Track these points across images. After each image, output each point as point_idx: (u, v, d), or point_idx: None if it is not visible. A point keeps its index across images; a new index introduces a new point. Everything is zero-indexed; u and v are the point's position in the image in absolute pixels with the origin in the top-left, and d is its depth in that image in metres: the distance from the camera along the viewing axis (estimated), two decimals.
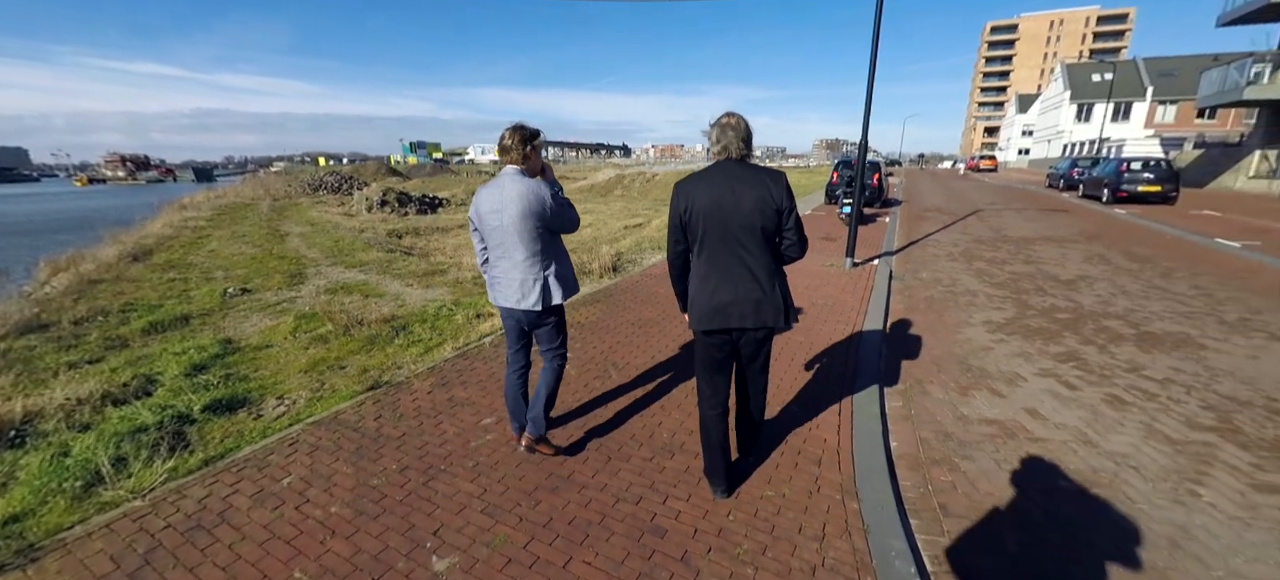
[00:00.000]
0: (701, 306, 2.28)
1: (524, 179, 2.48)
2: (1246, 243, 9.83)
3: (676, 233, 2.32)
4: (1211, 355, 4.51)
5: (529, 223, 2.45)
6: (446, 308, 5.94)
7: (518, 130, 2.49)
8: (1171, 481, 2.76)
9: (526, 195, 2.44)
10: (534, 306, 2.53)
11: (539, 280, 2.54)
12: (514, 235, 2.47)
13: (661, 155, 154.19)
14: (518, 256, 2.51)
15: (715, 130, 2.30)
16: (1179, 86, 50.53)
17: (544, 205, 2.46)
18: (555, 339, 2.72)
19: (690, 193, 2.24)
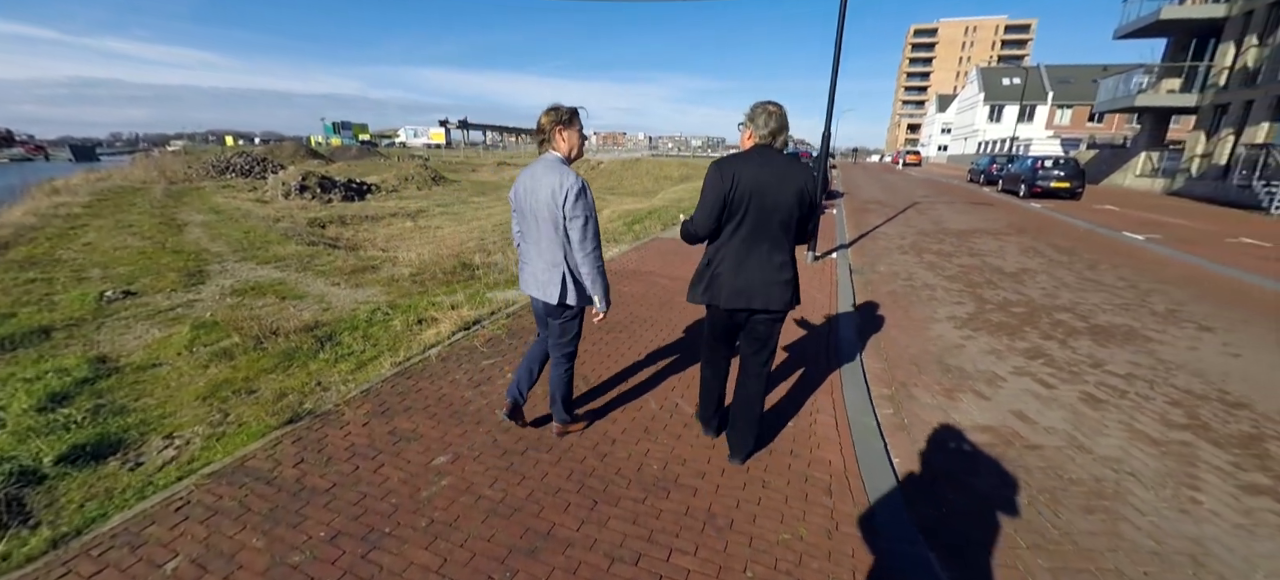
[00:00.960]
0: (729, 285, 2.35)
1: (559, 169, 2.37)
2: (1149, 236, 10.74)
3: (717, 208, 2.31)
4: (1157, 347, 4.69)
5: (551, 214, 2.37)
6: (381, 312, 5.23)
7: (552, 111, 2.41)
8: (1170, 488, 2.70)
9: (549, 186, 2.35)
10: (549, 299, 2.48)
11: (559, 271, 2.45)
12: (539, 224, 2.42)
13: (604, 143, 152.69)
14: (541, 245, 2.46)
15: (761, 116, 2.35)
16: (1074, 92, 55.94)
17: (560, 205, 2.34)
18: (564, 335, 2.63)
19: (736, 172, 2.27)
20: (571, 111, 2.47)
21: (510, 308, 5.12)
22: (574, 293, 2.49)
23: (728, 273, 2.35)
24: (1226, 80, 20.00)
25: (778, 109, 2.35)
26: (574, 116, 2.48)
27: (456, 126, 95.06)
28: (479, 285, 6.47)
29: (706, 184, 2.33)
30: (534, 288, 2.54)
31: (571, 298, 2.49)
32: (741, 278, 2.34)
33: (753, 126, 2.38)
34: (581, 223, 2.35)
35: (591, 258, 2.42)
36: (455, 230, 15.00)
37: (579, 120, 2.51)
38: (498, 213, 19.34)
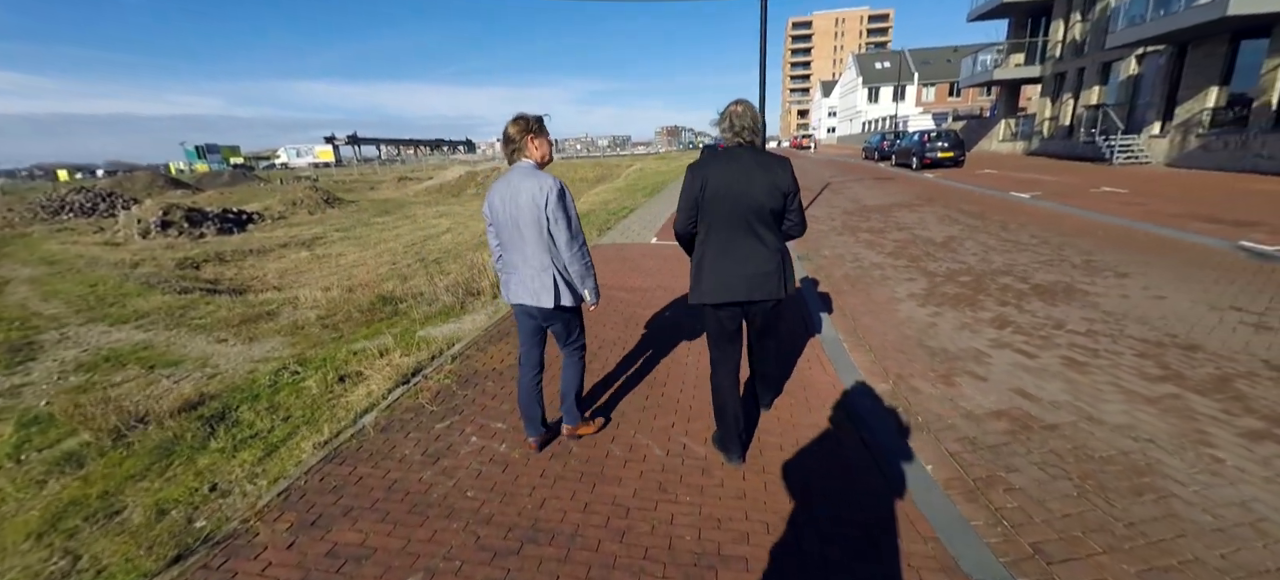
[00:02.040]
0: (711, 282, 2.43)
1: (536, 174, 2.43)
2: (1032, 194, 11.87)
3: (691, 210, 2.43)
4: (1097, 299, 4.95)
5: (536, 219, 2.40)
6: (289, 370, 4.28)
7: (519, 120, 2.45)
8: (1190, 451, 2.67)
9: (531, 192, 2.39)
10: (545, 304, 2.49)
11: (550, 275, 2.48)
12: (525, 232, 2.44)
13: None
14: (529, 253, 2.47)
15: (729, 118, 2.43)
16: (935, 72, 62.47)
17: (541, 209, 2.38)
18: (572, 332, 2.70)
19: (705, 174, 2.36)
20: (539, 119, 2.51)
21: (454, 347, 4.38)
22: (568, 293, 2.52)
23: (710, 269, 2.44)
24: (1061, 52, 22.94)
25: (743, 109, 2.42)
26: (542, 124, 2.51)
27: (346, 142, 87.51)
28: (406, 322, 5.59)
29: (683, 187, 2.45)
30: (525, 295, 2.52)
31: (566, 299, 2.52)
32: (724, 273, 2.41)
33: (724, 127, 2.47)
34: (565, 222, 2.42)
35: (579, 255, 2.49)
36: (362, 256, 13.47)
37: (545, 127, 2.54)
38: (407, 232, 17.78)
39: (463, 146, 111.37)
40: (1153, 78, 17.57)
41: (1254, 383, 3.31)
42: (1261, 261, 6.02)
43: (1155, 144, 16.97)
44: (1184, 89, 15.92)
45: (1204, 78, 15.13)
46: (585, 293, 2.58)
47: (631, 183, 24.30)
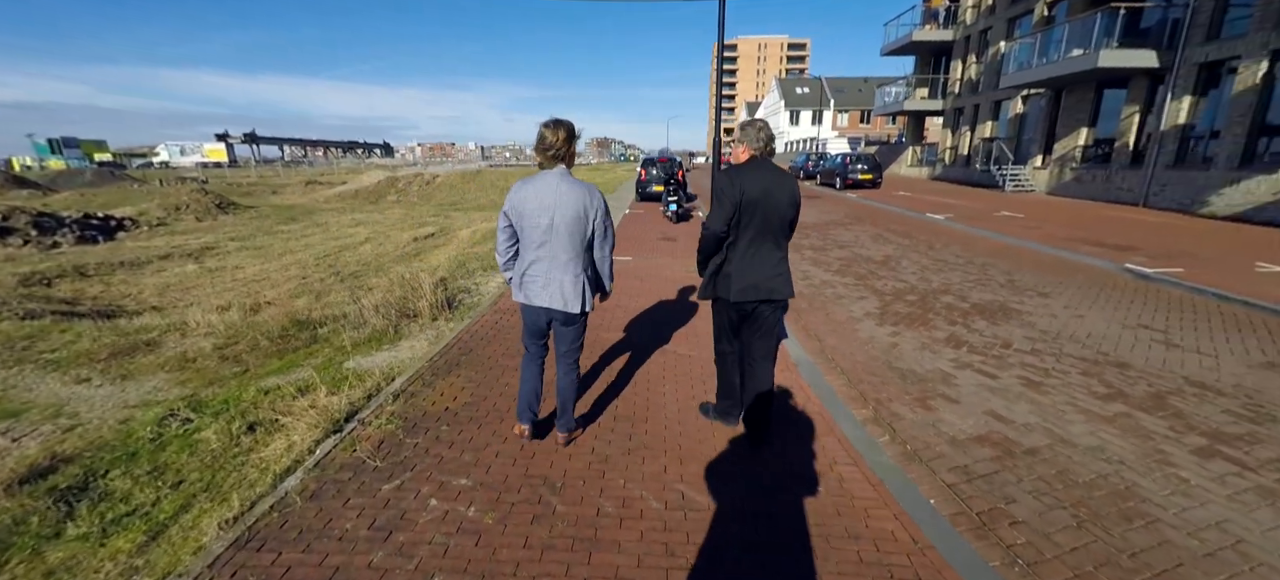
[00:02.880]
0: (741, 281, 2.65)
1: (577, 182, 2.50)
2: (946, 215, 12.87)
3: (731, 213, 2.58)
4: (1030, 317, 5.28)
5: (580, 227, 2.50)
6: (179, 417, 3.51)
7: (560, 126, 2.49)
8: (1159, 472, 2.78)
9: (581, 200, 2.48)
10: (573, 309, 2.57)
11: (579, 282, 2.57)
12: (563, 237, 2.49)
13: (432, 154, 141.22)
14: (563, 258, 2.53)
15: (752, 133, 2.67)
16: (848, 100, 67.53)
17: (589, 218, 2.52)
18: (579, 337, 2.77)
19: (743, 182, 2.56)
20: (572, 126, 2.56)
21: (394, 382, 3.80)
22: (590, 298, 2.65)
23: (736, 270, 2.65)
24: (959, 89, 25.43)
25: (765, 125, 2.69)
26: (576, 132, 2.58)
27: (242, 141, 79.25)
28: (329, 351, 4.87)
29: (721, 192, 2.61)
30: (549, 299, 2.56)
31: (589, 303, 2.64)
32: (750, 274, 2.65)
33: (747, 141, 2.68)
34: (604, 228, 2.61)
35: (610, 255, 2.70)
36: (264, 269, 12.01)
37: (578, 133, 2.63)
38: (318, 242, 16.20)
39: (379, 150, 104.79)
40: (1035, 117, 19.88)
41: (1184, 399, 3.57)
42: (1146, 282, 6.77)
43: (1038, 174, 19.17)
44: (1061, 128, 18.12)
45: (1076, 119, 17.31)
46: (607, 285, 2.77)
47: None
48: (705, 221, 2.67)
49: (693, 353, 4.30)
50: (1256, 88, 11.65)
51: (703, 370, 3.95)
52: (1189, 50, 13.30)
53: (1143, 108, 14.88)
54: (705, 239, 2.70)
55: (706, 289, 2.81)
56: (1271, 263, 7.46)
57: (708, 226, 2.65)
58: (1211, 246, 8.64)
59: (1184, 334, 4.83)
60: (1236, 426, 3.20)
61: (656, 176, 15.99)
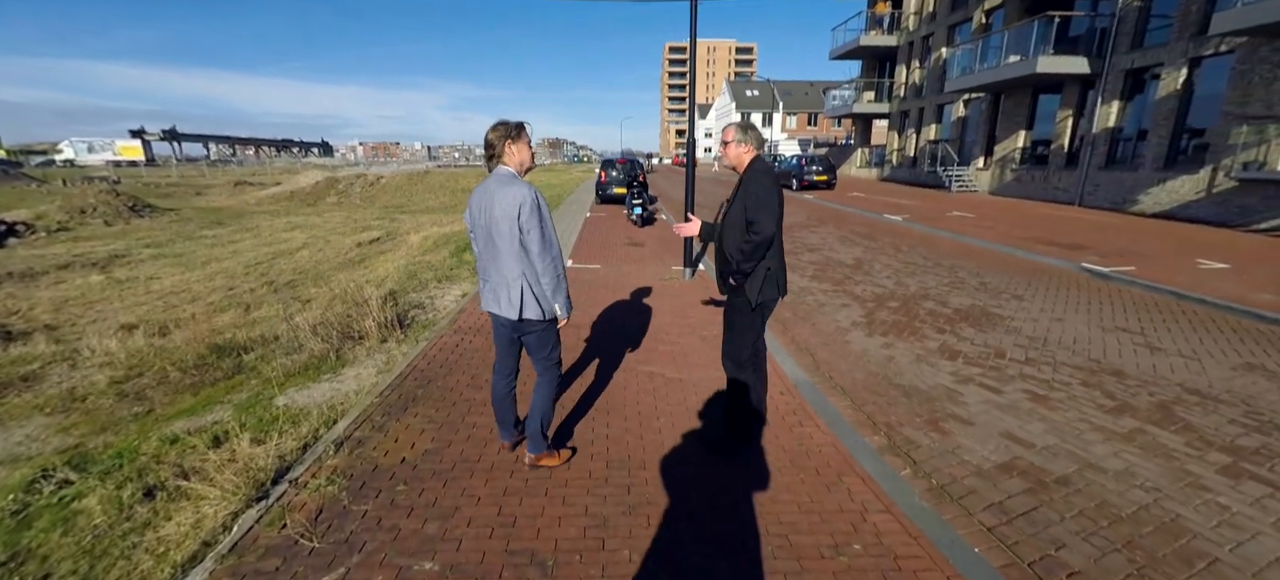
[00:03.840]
0: (783, 279, 2.75)
1: (512, 183, 2.40)
2: (903, 217, 13.09)
3: (780, 213, 2.59)
4: (1014, 323, 5.21)
5: (510, 229, 2.38)
6: (52, 481, 2.78)
7: (498, 126, 2.45)
8: (1197, 499, 2.61)
9: (506, 201, 2.36)
10: (511, 316, 2.47)
11: (520, 287, 2.44)
12: (496, 241, 2.42)
13: (375, 154, 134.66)
14: (502, 263, 2.45)
15: (754, 134, 2.77)
16: (796, 102, 69.42)
17: (514, 218, 2.36)
18: (544, 347, 2.61)
19: (777, 182, 2.64)
20: (519, 126, 2.48)
21: (337, 426, 3.18)
22: (535, 305, 2.48)
23: (779, 266, 2.69)
24: (904, 93, 26.37)
25: (755, 126, 2.79)
26: (522, 130, 2.49)
27: (162, 138, 72.81)
28: (257, 383, 4.15)
29: (771, 193, 2.56)
30: (502, 306, 2.49)
31: (531, 311, 2.48)
32: (785, 270, 2.76)
33: (749, 141, 2.73)
34: (538, 233, 2.39)
35: (551, 267, 2.45)
36: (184, 280, 10.77)
37: (527, 133, 2.51)
38: (248, 248, 14.83)
39: (317, 149, 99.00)
40: (976, 120, 20.80)
41: (1188, 409, 3.49)
42: (1106, 282, 6.94)
43: (980, 175, 20.06)
44: (1000, 130, 19.01)
45: (1014, 123, 18.18)
46: (556, 307, 2.52)
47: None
48: (758, 226, 2.50)
49: (683, 376, 3.90)
50: (1178, 93, 12.48)
51: (696, 397, 3.56)
52: (1116, 57, 14.14)
53: (1075, 112, 15.74)
54: (759, 244, 2.53)
55: (767, 291, 2.66)
56: (1209, 259, 7.85)
57: (761, 231, 2.50)
58: (1151, 244, 9.06)
59: (1161, 336, 4.86)
60: (1249, 439, 3.11)
61: (617, 178, 15.54)
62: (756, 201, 2.52)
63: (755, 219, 2.51)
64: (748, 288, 2.65)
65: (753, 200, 2.54)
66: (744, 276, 2.62)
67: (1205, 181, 11.65)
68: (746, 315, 2.73)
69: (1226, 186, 11.14)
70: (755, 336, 2.81)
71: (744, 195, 2.60)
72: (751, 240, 2.53)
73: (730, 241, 2.69)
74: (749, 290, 2.65)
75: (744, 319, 2.75)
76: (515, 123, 2.47)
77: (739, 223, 2.62)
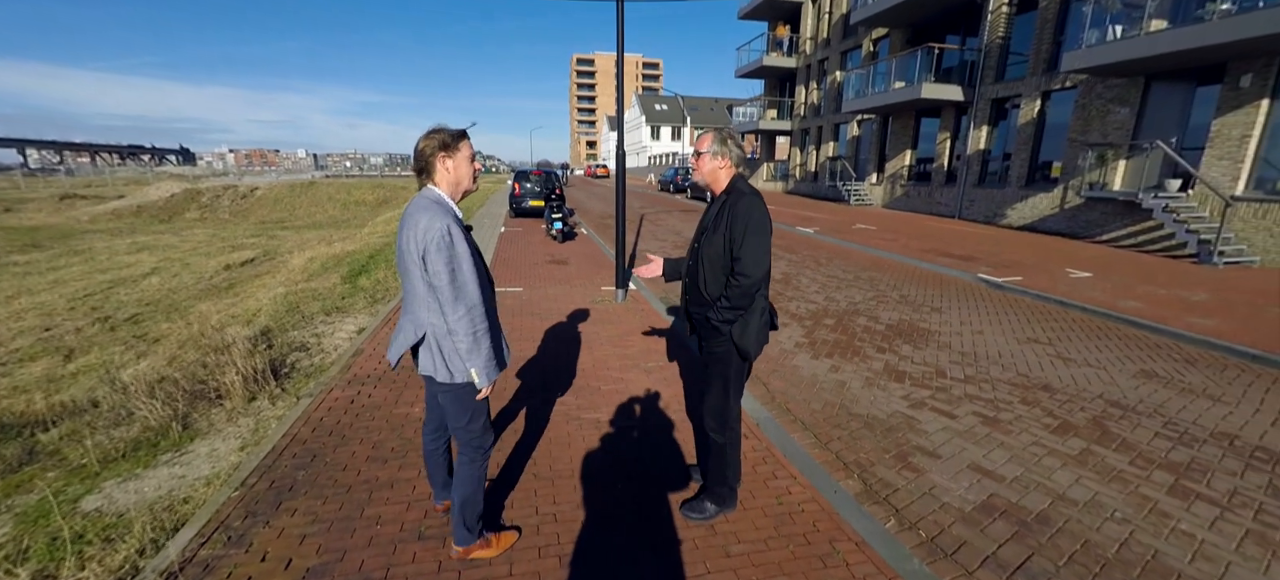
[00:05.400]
0: (768, 331, 2.32)
1: (427, 210, 1.89)
2: (814, 229, 13.68)
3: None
4: (943, 337, 5.33)
5: (413, 265, 1.92)
6: None
7: (431, 133, 1.96)
8: (1165, 527, 2.59)
9: (412, 229, 1.88)
10: (423, 370, 2.04)
11: (417, 334, 1.99)
12: (405, 277, 1.99)
13: (248, 162, 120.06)
14: (412, 303, 2.01)
15: (733, 145, 2.28)
16: (703, 117, 72.19)
17: (419, 256, 1.88)
18: (460, 416, 2.07)
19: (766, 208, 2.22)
20: (457, 135, 2.00)
21: (176, 540, 2.30)
22: (438, 363, 1.98)
23: (765, 312, 2.29)
24: (804, 112, 28.14)
25: (737, 137, 2.32)
26: (459, 139, 1.99)
27: None
28: (57, 474, 3.04)
29: (761, 223, 2.14)
30: (398, 350, 2.08)
31: (429, 367, 2.01)
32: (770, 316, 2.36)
33: (727, 155, 2.28)
34: (447, 278, 1.87)
35: (466, 321, 1.91)
36: None
37: (467, 143, 2.02)
38: (77, 276, 12.25)
39: (175, 156, 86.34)
40: (868, 139, 22.61)
41: (1118, 423, 3.62)
42: (1003, 291, 7.50)
43: (874, 190, 21.77)
44: (889, 149, 20.78)
45: (902, 143, 19.95)
46: (471, 369, 1.96)
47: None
48: (745, 268, 2.11)
49: (633, 424, 3.41)
50: (1034, 121, 14.25)
51: (651, 451, 3.09)
52: (984, 88, 15.93)
53: (952, 134, 17.53)
54: (746, 290, 2.12)
55: (760, 339, 2.26)
56: (1075, 268, 8.83)
57: (749, 273, 2.10)
58: (1028, 255, 10.09)
59: (1067, 345, 5.20)
60: (1178, 454, 3.24)
61: (533, 190, 14.78)
62: (743, 236, 2.10)
63: (741, 258, 2.10)
64: (738, 335, 2.22)
65: (738, 234, 2.11)
66: (729, 324, 2.21)
67: (1058, 199, 13.35)
68: (734, 364, 2.31)
69: (1075, 203, 12.82)
70: (741, 389, 2.41)
71: (728, 226, 2.16)
72: (738, 284, 2.12)
73: (710, 280, 2.26)
74: (741, 338, 2.22)
75: (731, 369, 2.32)
76: (453, 131, 1.98)
77: (720, 258, 2.20)
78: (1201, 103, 10.55)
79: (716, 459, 2.46)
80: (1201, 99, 10.55)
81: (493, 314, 2.10)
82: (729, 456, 2.44)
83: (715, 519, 2.49)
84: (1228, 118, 9.87)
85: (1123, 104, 11.78)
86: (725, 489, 2.50)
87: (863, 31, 21.80)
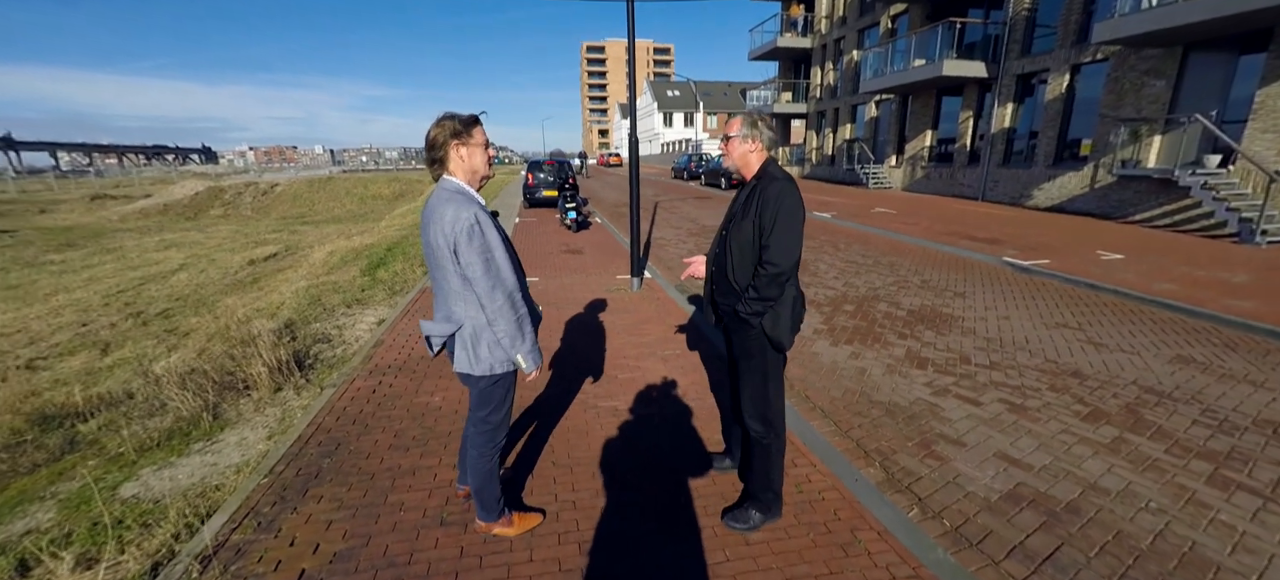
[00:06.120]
0: (800, 319, 2.21)
1: (453, 201, 1.87)
2: (831, 213, 13.46)
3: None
4: (970, 324, 5.21)
5: (443, 258, 1.89)
6: None
7: (442, 122, 1.91)
8: (1202, 518, 2.51)
9: (439, 222, 1.85)
10: (459, 368, 2.03)
11: (452, 328, 1.98)
12: (437, 273, 1.96)
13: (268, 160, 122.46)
14: (443, 295, 2.00)
15: (764, 127, 2.20)
16: (715, 102, 71.17)
17: (450, 250, 1.85)
18: (481, 407, 2.10)
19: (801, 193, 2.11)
20: (470, 121, 1.95)
21: (208, 526, 2.38)
22: (469, 357, 1.99)
23: (799, 298, 2.20)
24: (820, 94, 27.58)
25: (768, 119, 2.24)
26: (471, 126, 1.95)
27: None
28: (96, 463, 3.15)
29: (793, 215, 2.03)
30: (431, 342, 2.06)
31: (465, 363, 2.01)
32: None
33: (758, 138, 2.19)
34: (481, 267, 1.86)
35: (506, 308, 1.91)
36: (18, 317, 8.87)
37: (481, 130, 1.98)
38: (110, 273, 12.64)
39: (198, 156, 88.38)
40: (887, 120, 22.09)
41: (1153, 411, 3.50)
42: (1029, 275, 7.29)
43: (894, 172, 21.31)
44: (909, 130, 20.27)
45: (922, 123, 19.45)
46: (517, 357, 1.99)
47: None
48: (774, 257, 2.01)
49: (651, 412, 3.41)
50: (1062, 96, 13.75)
51: (669, 439, 3.08)
52: (1009, 63, 15.39)
53: (975, 113, 17.01)
54: (774, 279, 2.02)
55: (794, 329, 2.17)
56: (1106, 250, 8.54)
57: (778, 264, 2.00)
58: (1056, 236, 9.79)
59: (1098, 330, 5.04)
60: (1217, 442, 3.12)
61: (547, 181, 14.78)
62: (774, 224, 2.00)
63: (770, 246, 2.01)
64: (770, 327, 2.12)
65: (769, 221, 2.02)
66: (759, 316, 2.11)
67: (1088, 178, 12.90)
68: (770, 356, 2.20)
69: (1106, 182, 12.38)
70: (781, 382, 2.28)
71: (758, 212, 2.06)
72: (766, 274, 2.03)
73: (739, 269, 2.15)
74: (773, 329, 2.12)
75: (768, 361, 2.21)
76: (465, 117, 1.93)
77: (750, 247, 2.10)
78: (1244, 73, 10.04)
79: (761, 461, 2.31)
80: (1244, 69, 10.05)
81: (529, 302, 2.09)
82: (774, 458, 2.30)
83: (756, 529, 2.33)
84: (1273, 88, 9.39)
85: (1159, 76, 11.28)
86: (770, 494, 2.34)
87: (880, 8, 21.22)
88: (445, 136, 1.91)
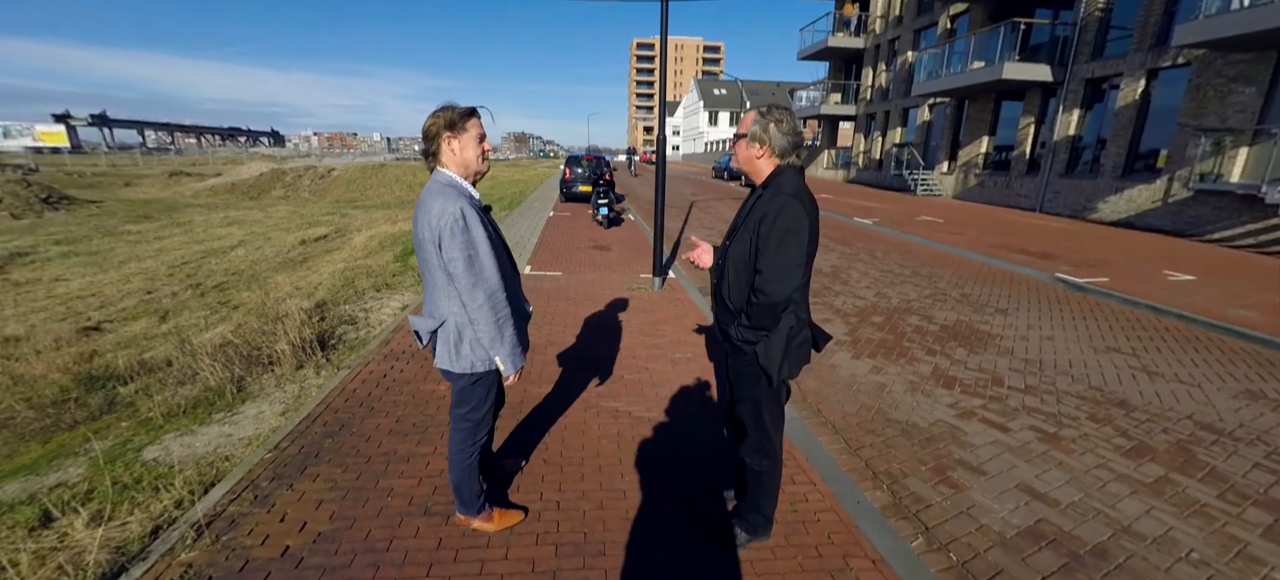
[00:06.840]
0: (806, 352, 1.96)
1: (441, 195, 1.83)
2: (873, 220, 12.93)
3: (804, 261, 1.83)
4: (1005, 342, 4.87)
5: (429, 254, 1.87)
6: None
7: (439, 112, 1.88)
8: (1246, 574, 2.23)
9: (426, 217, 1.83)
10: (440, 363, 2.02)
11: (436, 323, 1.96)
12: (423, 267, 1.94)
13: (330, 145, 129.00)
14: (430, 289, 1.97)
15: (783, 133, 1.89)
16: (763, 102, 69.67)
17: (435, 244, 1.82)
18: (460, 405, 2.09)
19: (811, 211, 1.84)
20: (466, 113, 1.90)
21: (209, 498, 2.48)
22: (450, 354, 1.97)
23: (804, 329, 1.93)
24: (870, 95, 26.59)
25: (790, 115, 1.92)
26: (467, 118, 1.89)
27: (89, 122, 67.50)
28: (129, 424, 3.36)
29: (788, 230, 1.76)
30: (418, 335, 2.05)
31: (446, 360, 1.98)
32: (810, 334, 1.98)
33: (769, 142, 1.89)
34: (463, 264, 1.82)
35: (486, 308, 1.87)
36: (95, 282, 9.60)
37: (476, 122, 1.92)
38: (176, 245, 13.54)
39: (267, 139, 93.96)
40: (940, 124, 21.06)
41: (1208, 451, 3.16)
42: (1083, 294, 6.77)
43: (944, 179, 20.31)
44: (964, 135, 19.25)
45: (978, 128, 18.43)
46: (496, 358, 1.96)
47: (483, 192, 21.99)
48: (763, 284, 1.78)
49: (652, 415, 3.34)
50: (1135, 103, 12.72)
51: (666, 445, 3.00)
52: (1077, 66, 14.37)
53: (1037, 119, 15.98)
54: (764, 309, 1.79)
55: (790, 366, 1.89)
56: (1176, 270, 7.83)
57: (769, 293, 1.76)
58: (1117, 254, 9.07)
59: (1154, 358, 4.61)
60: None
61: (582, 176, 14.88)
62: (766, 244, 1.76)
63: (762, 271, 1.77)
64: (762, 355, 1.88)
65: (762, 241, 1.78)
66: (751, 344, 1.90)
67: (1161, 191, 11.89)
68: (762, 386, 1.96)
69: (1181, 196, 11.37)
70: (780, 411, 2.07)
71: (756, 226, 1.82)
72: (757, 301, 1.80)
73: (734, 288, 1.95)
74: (765, 358, 1.87)
75: (760, 392, 1.98)
76: (462, 109, 1.87)
77: (745, 265, 1.88)
78: None
79: (753, 486, 2.16)
80: None
81: (516, 301, 2.05)
82: (767, 485, 2.14)
83: (748, 543, 2.24)
84: None
85: (1248, 83, 10.26)
86: (759, 517, 2.20)
87: (939, 7, 20.24)
88: (438, 127, 1.87)
